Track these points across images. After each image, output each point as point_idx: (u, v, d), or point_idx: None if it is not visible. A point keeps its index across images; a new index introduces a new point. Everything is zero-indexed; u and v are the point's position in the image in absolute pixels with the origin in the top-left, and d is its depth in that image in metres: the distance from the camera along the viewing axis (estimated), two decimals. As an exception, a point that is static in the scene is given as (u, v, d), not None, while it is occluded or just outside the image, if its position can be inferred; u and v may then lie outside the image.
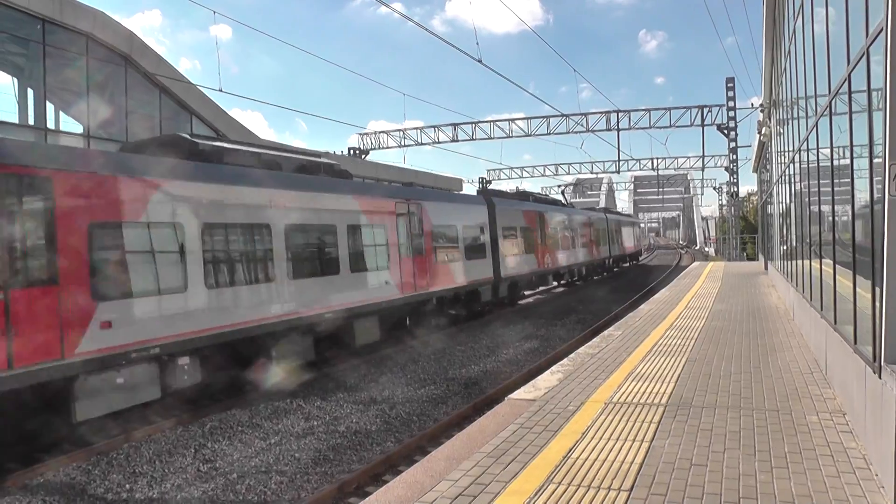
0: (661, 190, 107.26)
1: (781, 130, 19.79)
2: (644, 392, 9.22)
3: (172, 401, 13.23)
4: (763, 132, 27.00)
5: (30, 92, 24.92)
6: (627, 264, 61.32)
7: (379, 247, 19.08)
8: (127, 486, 10.05)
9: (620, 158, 56.26)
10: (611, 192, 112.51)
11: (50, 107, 24.95)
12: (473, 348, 19.60)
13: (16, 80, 24.91)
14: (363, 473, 9.90)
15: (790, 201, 16.78)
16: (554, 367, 11.12)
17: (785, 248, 19.76)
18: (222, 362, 13.88)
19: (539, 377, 10.45)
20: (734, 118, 46.71)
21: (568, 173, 77.30)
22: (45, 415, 11.24)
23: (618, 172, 67.37)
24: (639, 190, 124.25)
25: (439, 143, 49.06)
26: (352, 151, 48.56)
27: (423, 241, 21.23)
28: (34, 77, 23.99)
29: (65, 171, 11.24)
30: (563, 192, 52.82)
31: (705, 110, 46.69)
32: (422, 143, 49.01)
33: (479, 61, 21.20)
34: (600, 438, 7.25)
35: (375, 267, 18.72)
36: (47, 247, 10.82)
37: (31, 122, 24.15)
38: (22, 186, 10.57)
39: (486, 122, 50.17)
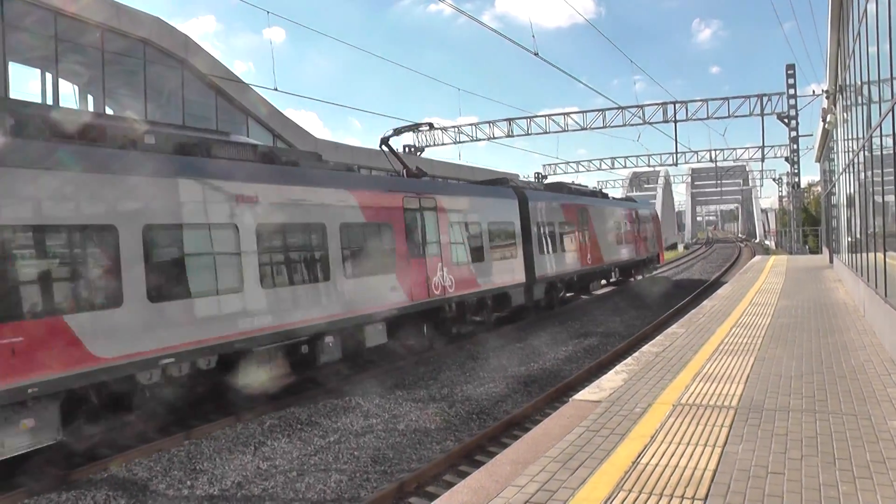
0: (719, 182, 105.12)
1: (848, 117, 19.09)
2: (713, 393, 8.91)
3: (231, 398, 13.31)
4: (828, 120, 26.06)
5: (90, 98, 25.40)
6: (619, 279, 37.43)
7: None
8: (188, 482, 10.10)
9: (678, 150, 55.07)
10: (667, 186, 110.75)
11: (109, 111, 25.36)
12: (532, 345, 19.40)
13: (76, 86, 25.42)
14: (423, 473, 9.77)
15: (859, 191, 16.18)
16: (618, 367, 10.85)
17: (852, 240, 19.10)
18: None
19: (603, 377, 10.19)
20: (795, 106, 45.43)
21: (624, 167, 76.03)
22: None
23: (675, 165, 65.86)
24: (696, 182, 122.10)
25: (494, 138, 48.77)
26: (406, 149, 48.53)
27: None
28: (94, 83, 24.44)
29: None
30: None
31: (764, 99, 45.51)
32: (476, 139, 48.78)
33: (536, 54, 20.92)
34: (670, 443, 6.99)
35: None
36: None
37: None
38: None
39: (541, 116, 49.72)
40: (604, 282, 35.83)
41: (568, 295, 29.86)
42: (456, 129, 49.01)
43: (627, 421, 7.82)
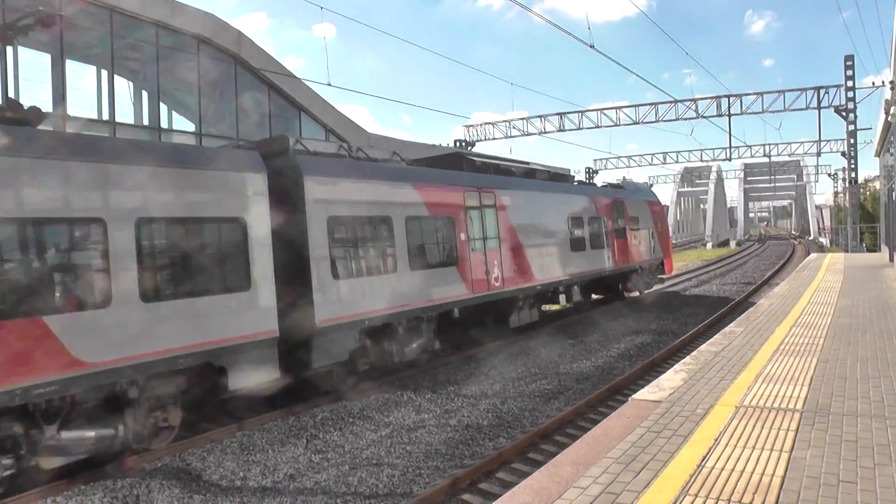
0: (772, 177, 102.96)
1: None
2: (776, 395, 8.66)
3: (283, 391, 13.37)
4: (892, 112, 25.22)
5: (144, 94, 25.75)
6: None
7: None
8: (241, 473, 10.17)
9: (731, 145, 53.85)
10: (720, 181, 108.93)
11: (163, 107, 25.70)
12: (584, 342, 19.23)
13: (131, 83, 25.79)
14: (476, 470, 9.68)
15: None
16: (676, 366, 10.63)
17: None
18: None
19: (662, 376, 9.98)
20: (853, 99, 44.12)
21: (676, 161, 74.80)
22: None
23: (729, 160, 64.31)
24: (749, 178, 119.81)
25: (546, 133, 48.28)
26: (457, 143, 48.36)
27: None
28: (148, 79, 24.76)
29: None
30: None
31: (821, 92, 44.32)
32: (528, 134, 48.36)
33: (592, 46, 20.65)
34: (734, 446, 6.79)
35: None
36: None
37: (145, 122, 24.97)
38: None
39: (593, 110, 49.12)
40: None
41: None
42: (507, 124, 48.73)
43: (689, 422, 7.63)
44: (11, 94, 20.26)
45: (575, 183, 26.09)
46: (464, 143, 48.81)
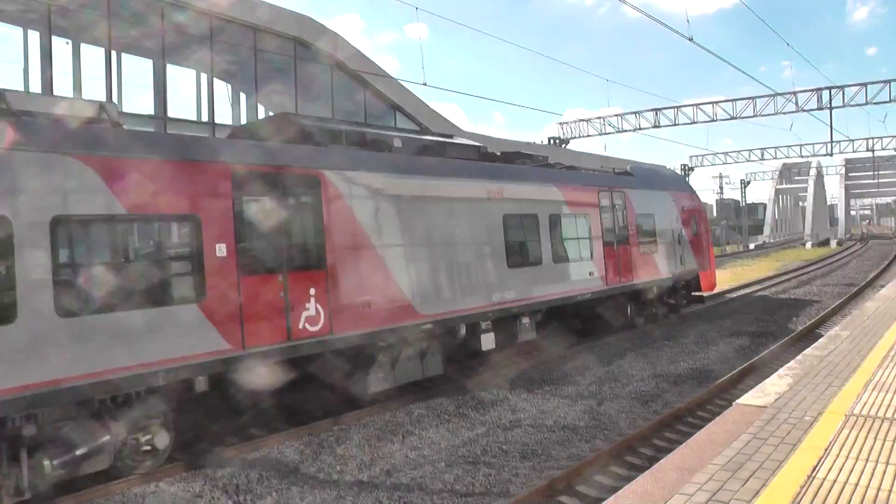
0: (876, 173, 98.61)
1: None
2: (889, 405, 8.31)
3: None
4: None
5: (242, 96, 26.46)
6: None
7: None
8: (338, 467, 10.34)
9: (833, 140, 51.86)
10: (819, 178, 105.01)
11: (261, 108, 26.37)
12: (681, 343, 18.91)
13: (229, 85, 26.56)
14: (573, 472, 9.62)
15: None
16: (781, 371, 10.33)
17: None
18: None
19: (766, 381, 9.73)
20: (967, 87, 41.95)
21: (774, 157, 72.38)
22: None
23: (829, 155, 62.08)
24: (850, 174, 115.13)
25: (640, 129, 47.58)
26: (551, 140, 48.10)
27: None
28: (246, 81, 25.44)
29: None
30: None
31: (930, 80, 42.20)
32: (622, 130, 47.73)
33: (690, 39, 20.26)
34: (846, 457, 6.56)
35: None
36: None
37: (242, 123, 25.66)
38: None
39: (688, 105, 48.10)
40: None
41: None
42: (601, 121, 48.20)
43: (797, 430, 7.40)
44: (115, 98, 21.09)
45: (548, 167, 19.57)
46: (557, 141, 48.47)
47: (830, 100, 44.18)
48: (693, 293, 24.21)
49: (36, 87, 19.41)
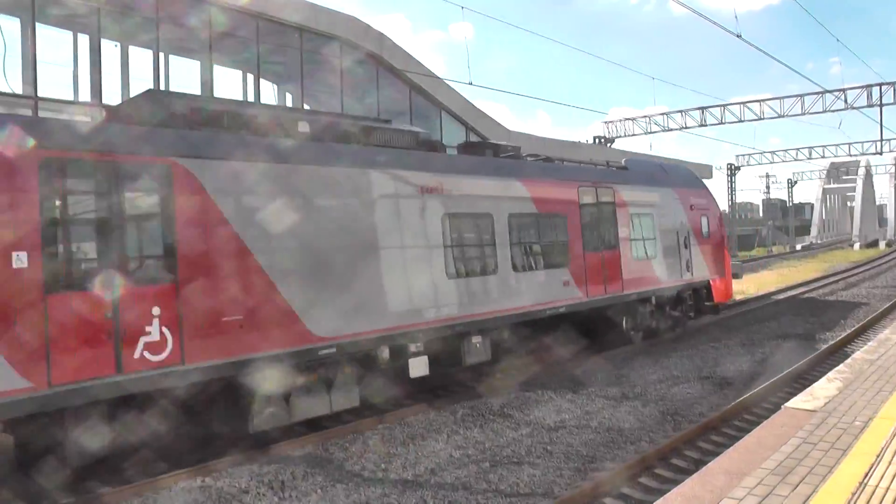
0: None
1: None
2: (944, 410, 8.17)
3: (421, 387, 13.61)
4: None
5: (288, 96, 26.71)
6: None
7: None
8: (382, 465, 10.40)
9: (883, 137, 50.63)
10: (868, 177, 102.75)
11: (307, 108, 26.58)
12: (727, 345, 18.70)
13: (275, 86, 26.84)
14: (618, 474, 9.58)
15: None
16: (830, 374, 10.20)
17: None
18: None
19: (815, 384, 9.62)
20: None
21: (822, 156, 70.91)
22: None
23: (879, 153, 60.58)
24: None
25: (686, 128, 47.01)
26: (597, 140, 47.81)
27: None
28: (292, 81, 25.67)
29: None
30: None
31: None
32: (668, 129, 47.22)
33: (739, 36, 19.99)
34: (900, 464, 6.46)
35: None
36: None
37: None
38: None
39: (735, 103, 47.38)
40: None
41: None
42: (647, 119, 47.75)
43: (847, 435, 7.31)
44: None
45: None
46: (602, 140, 48.18)
47: (881, 96, 43.16)
48: (705, 303, 21.56)
49: (85, 90, 19.77)
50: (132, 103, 11.82)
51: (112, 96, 19.30)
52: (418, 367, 12.83)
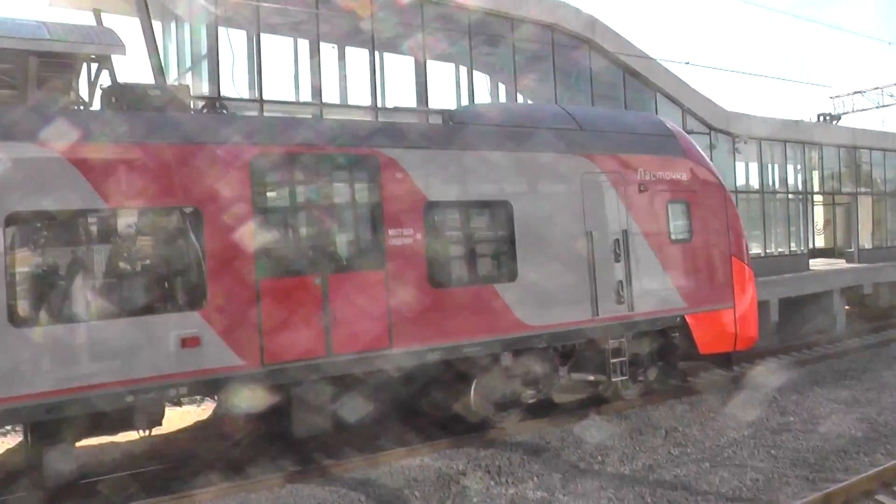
0: None
1: None
2: None
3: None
4: None
5: (500, 86, 27.02)
6: None
7: None
8: (598, 457, 10.53)
9: None
10: None
11: (520, 98, 26.75)
12: None
13: (488, 77, 27.20)
14: (852, 487, 9.09)
15: None
16: None
17: None
18: None
19: None
20: None
21: None
22: None
23: None
24: None
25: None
26: (821, 117, 44.67)
27: None
28: (505, 72, 25.92)
29: None
30: None
31: None
32: (907, 102, 43.03)
33: None
34: None
35: None
36: None
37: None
38: None
39: None
40: None
41: None
42: (878, 91, 43.74)
43: None
44: (379, 96, 22.26)
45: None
46: (828, 117, 44.96)
47: None
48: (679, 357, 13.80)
49: (306, 92, 20.98)
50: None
51: (330, 95, 20.35)
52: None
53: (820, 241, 34.41)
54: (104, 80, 10.97)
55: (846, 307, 24.35)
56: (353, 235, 11.24)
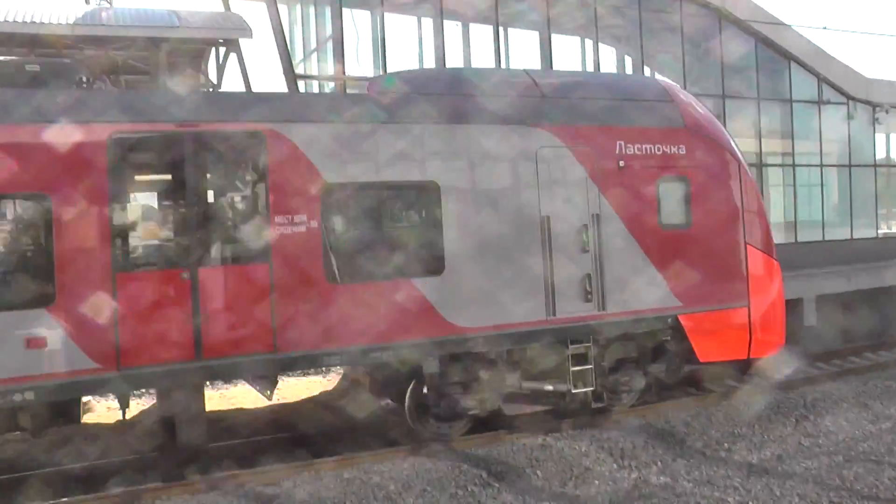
0: None
1: None
2: None
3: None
4: None
5: (627, 59, 26.47)
6: None
7: None
8: (725, 445, 10.32)
9: None
10: None
11: (647, 70, 26.15)
12: None
13: (614, 49, 26.68)
14: None
15: None
16: None
17: None
18: None
19: None
20: None
21: None
22: None
23: None
24: None
25: None
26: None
27: None
28: (632, 44, 25.37)
29: None
30: None
31: None
32: None
33: None
34: None
35: None
36: None
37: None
38: None
39: None
40: None
41: None
42: None
43: None
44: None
45: None
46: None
47: None
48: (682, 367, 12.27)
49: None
50: None
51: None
52: None
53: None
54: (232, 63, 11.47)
55: None
56: (230, 224, 10.00)
